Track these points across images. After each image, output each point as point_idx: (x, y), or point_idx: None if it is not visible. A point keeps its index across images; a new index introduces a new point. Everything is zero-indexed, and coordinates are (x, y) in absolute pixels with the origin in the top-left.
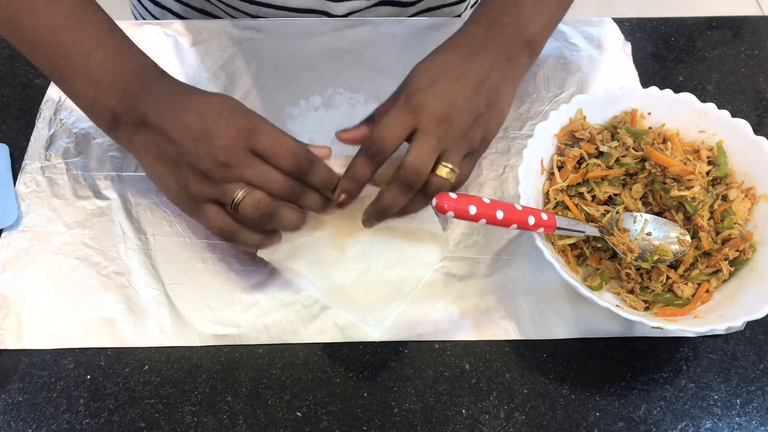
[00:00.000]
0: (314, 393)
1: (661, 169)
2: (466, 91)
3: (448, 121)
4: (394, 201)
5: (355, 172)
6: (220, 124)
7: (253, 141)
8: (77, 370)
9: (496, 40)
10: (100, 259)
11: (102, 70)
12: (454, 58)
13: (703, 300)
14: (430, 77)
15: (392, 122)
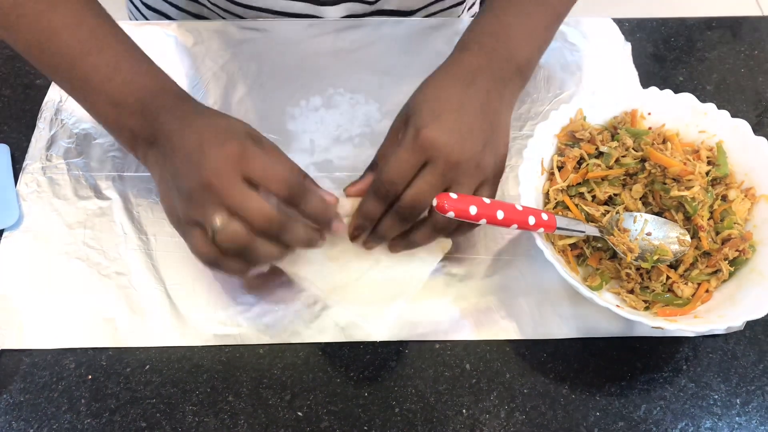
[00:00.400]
0: (315, 393)
1: (661, 170)
2: (469, 119)
3: (459, 155)
4: (390, 230)
5: (368, 212)
6: (211, 146)
7: (244, 166)
8: (78, 370)
9: (489, 66)
10: (101, 259)
11: (121, 93)
12: (451, 88)
13: (703, 300)
14: (433, 111)
15: (401, 163)
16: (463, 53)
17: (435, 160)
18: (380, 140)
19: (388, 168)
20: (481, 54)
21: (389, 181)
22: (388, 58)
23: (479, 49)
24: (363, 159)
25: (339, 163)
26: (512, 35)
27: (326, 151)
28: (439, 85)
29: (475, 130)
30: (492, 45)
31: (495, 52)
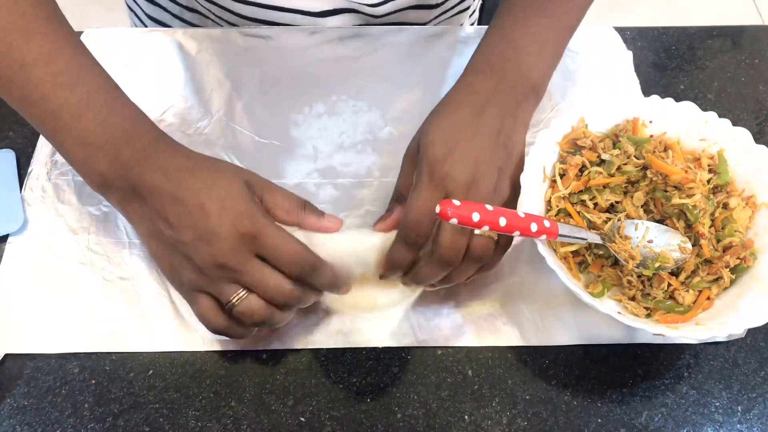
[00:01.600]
0: (318, 398)
1: (662, 177)
2: (485, 148)
3: (476, 184)
4: (434, 276)
5: (399, 260)
6: (222, 224)
7: (257, 245)
8: (82, 375)
9: (501, 89)
10: (105, 264)
11: (91, 133)
12: (464, 117)
13: (704, 307)
14: (447, 144)
15: (422, 203)
16: (473, 77)
17: (454, 194)
18: (383, 147)
19: (411, 210)
20: (492, 76)
21: (415, 224)
22: (390, 66)
23: (490, 72)
24: (366, 165)
25: (342, 169)
26: (522, 53)
27: (329, 158)
28: (450, 114)
29: (490, 158)
30: (502, 65)
31: (506, 72)
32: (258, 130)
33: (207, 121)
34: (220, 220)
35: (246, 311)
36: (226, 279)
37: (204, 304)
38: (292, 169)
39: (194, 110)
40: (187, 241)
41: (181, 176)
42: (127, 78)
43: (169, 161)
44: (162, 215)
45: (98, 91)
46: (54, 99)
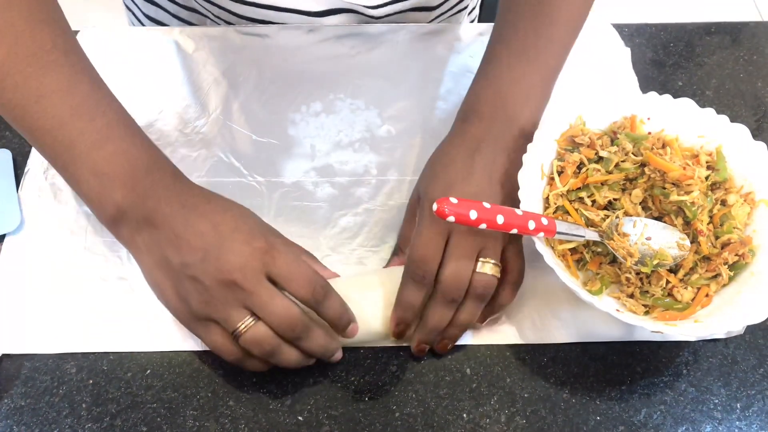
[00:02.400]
0: (315, 397)
1: (660, 174)
2: (482, 185)
3: None
4: (440, 318)
5: (408, 302)
6: (234, 240)
7: (269, 263)
8: (79, 375)
9: (491, 133)
10: (103, 264)
11: (109, 163)
12: (458, 161)
13: (702, 304)
14: (443, 184)
15: (426, 240)
16: (465, 125)
17: (457, 229)
18: (381, 145)
19: (415, 248)
20: (480, 124)
21: (421, 261)
22: (388, 64)
23: (478, 120)
24: (363, 164)
25: (340, 168)
26: (509, 102)
27: (327, 156)
28: (446, 158)
29: (487, 194)
30: (491, 114)
31: (494, 121)
32: (255, 129)
33: (204, 119)
34: (232, 236)
35: (252, 340)
36: (234, 302)
37: (214, 332)
38: (289, 167)
39: (191, 109)
40: (196, 261)
41: (198, 203)
42: (123, 77)
43: (186, 192)
44: (172, 239)
45: (117, 124)
46: (71, 129)
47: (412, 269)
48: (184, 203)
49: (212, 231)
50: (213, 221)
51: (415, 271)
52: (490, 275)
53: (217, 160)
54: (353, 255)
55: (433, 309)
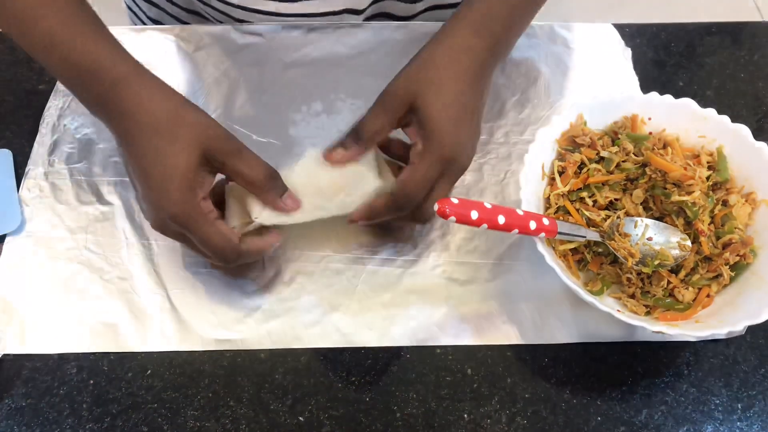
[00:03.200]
0: (316, 398)
1: (661, 174)
2: (475, 125)
3: (467, 164)
4: (378, 214)
5: (378, 213)
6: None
7: (182, 229)
8: (80, 375)
9: (493, 59)
10: (103, 264)
11: (59, 68)
12: (465, 92)
13: (704, 304)
14: (453, 123)
15: (423, 177)
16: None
17: (449, 173)
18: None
19: (412, 182)
20: (487, 46)
21: (411, 195)
22: (388, 64)
23: (488, 37)
24: None
25: None
26: (511, 32)
27: None
28: (452, 83)
29: (476, 137)
30: (497, 34)
31: (497, 45)
32: (256, 129)
33: None
34: (154, 199)
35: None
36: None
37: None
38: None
39: None
40: (137, 192)
41: (137, 134)
42: None
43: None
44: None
45: (62, 25)
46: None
47: (401, 201)
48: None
49: (144, 178)
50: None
51: (402, 202)
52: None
53: None
54: (353, 255)
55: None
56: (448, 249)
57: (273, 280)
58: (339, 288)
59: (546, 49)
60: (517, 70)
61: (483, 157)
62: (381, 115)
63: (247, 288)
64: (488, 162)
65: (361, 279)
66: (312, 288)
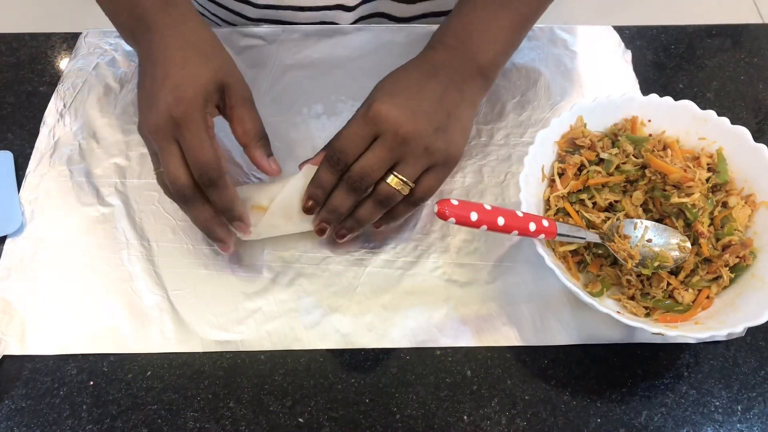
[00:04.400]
0: (316, 399)
1: (661, 176)
2: (424, 104)
3: (407, 133)
4: (341, 202)
5: (320, 180)
6: (163, 98)
7: (178, 134)
8: (80, 376)
9: (450, 63)
10: (103, 266)
11: None
12: (411, 76)
13: (703, 306)
14: (389, 91)
15: (353, 132)
16: (428, 51)
17: (384, 134)
18: None
19: (340, 138)
20: (443, 52)
21: (340, 149)
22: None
23: (442, 48)
24: None
25: None
26: (474, 36)
27: None
28: (401, 73)
29: (428, 114)
30: (454, 44)
31: (457, 51)
32: None
33: None
34: (165, 95)
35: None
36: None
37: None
38: (291, 169)
39: None
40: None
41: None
42: (123, 78)
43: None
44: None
45: None
46: None
47: (330, 154)
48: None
49: (161, 78)
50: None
51: (332, 156)
52: (394, 188)
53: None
54: (353, 256)
55: (336, 192)
56: (448, 250)
57: (273, 281)
58: (339, 289)
59: (546, 51)
60: (517, 72)
61: (483, 159)
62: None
63: (247, 289)
64: (488, 164)
65: (361, 280)
66: (312, 289)
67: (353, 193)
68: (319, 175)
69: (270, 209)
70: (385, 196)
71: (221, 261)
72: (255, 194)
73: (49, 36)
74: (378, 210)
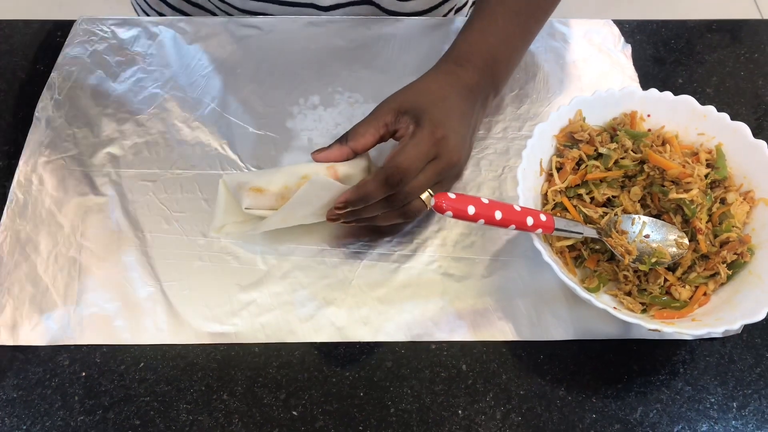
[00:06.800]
0: (310, 392)
1: (659, 172)
2: (464, 130)
3: (458, 160)
4: (373, 211)
5: (369, 194)
6: None
7: None
8: (72, 367)
9: (479, 86)
10: (97, 256)
11: None
12: (452, 98)
13: (700, 303)
14: (444, 114)
15: (420, 152)
16: (458, 69)
17: (440, 157)
18: None
19: (406, 157)
20: (473, 74)
21: (405, 169)
22: (387, 57)
23: (472, 69)
24: None
25: None
26: (498, 59)
27: None
28: (441, 91)
29: (466, 140)
30: (482, 67)
31: (484, 75)
32: (253, 122)
33: (200, 111)
34: None
35: None
36: None
37: None
38: (287, 160)
39: (187, 100)
40: None
41: None
42: (119, 66)
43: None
44: None
45: None
46: None
47: (392, 172)
48: None
49: None
50: None
51: (394, 174)
52: (424, 203)
53: (214, 152)
54: (349, 249)
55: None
56: (445, 244)
57: (268, 273)
58: (334, 282)
59: (545, 45)
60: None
61: (481, 152)
62: (365, 122)
63: (241, 281)
64: (486, 157)
65: (357, 273)
66: (307, 282)
67: (389, 207)
68: (370, 190)
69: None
70: (414, 211)
71: (216, 252)
72: (253, 179)
73: (44, 23)
74: (400, 219)
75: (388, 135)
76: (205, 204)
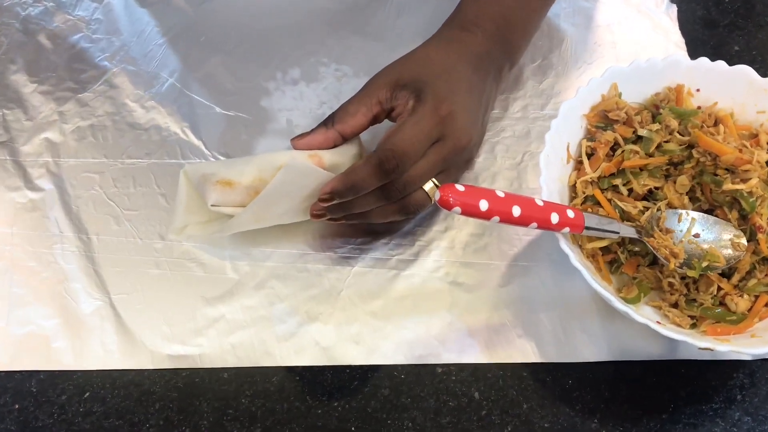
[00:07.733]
0: (291, 426)
1: (711, 158)
2: (473, 104)
3: (467, 143)
4: (365, 204)
5: (361, 184)
6: None
7: None
8: (3, 398)
9: (490, 55)
10: (32, 263)
11: None
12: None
13: (761, 316)
14: (449, 87)
15: (420, 132)
16: (466, 35)
17: (446, 139)
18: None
19: (404, 138)
20: (484, 41)
21: (403, 153)
22: (382, 21)
23: (482, 35)
24: None
25: None
26: (512, 23)
27: None
28: (446, 61)
29: (477, 119)
30: (493, 32)
31: (496, 41)
32: (219, 100)
33: (157, 87)
34: None
35: None
36: None
37: None
38: (261, 147)
39: (141, 75)
40: None
41: None
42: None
43: None
44: None
45: None
46: None
47: (388, 156)
48: None
49: None
50: None
51: (390, 159)
52: (428, 196)
53: (173, 138)
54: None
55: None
56: (453, 247)
57: (239, 283)
58: (319, 293)
59: (572, 5)
60: (538, 31)
61: (496, 136)
62: (355, 99)
63: (207, 293)
64: (502, 141)
65: (347, 282)
66: (286, 293)
67: (385, 199)
68: (361, 177)
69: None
70: (416, 205)
71: (176, 258)
72: (221, 169)
73: None
74: (398, 216)
75: (383, 115)
76: (163, 200)
